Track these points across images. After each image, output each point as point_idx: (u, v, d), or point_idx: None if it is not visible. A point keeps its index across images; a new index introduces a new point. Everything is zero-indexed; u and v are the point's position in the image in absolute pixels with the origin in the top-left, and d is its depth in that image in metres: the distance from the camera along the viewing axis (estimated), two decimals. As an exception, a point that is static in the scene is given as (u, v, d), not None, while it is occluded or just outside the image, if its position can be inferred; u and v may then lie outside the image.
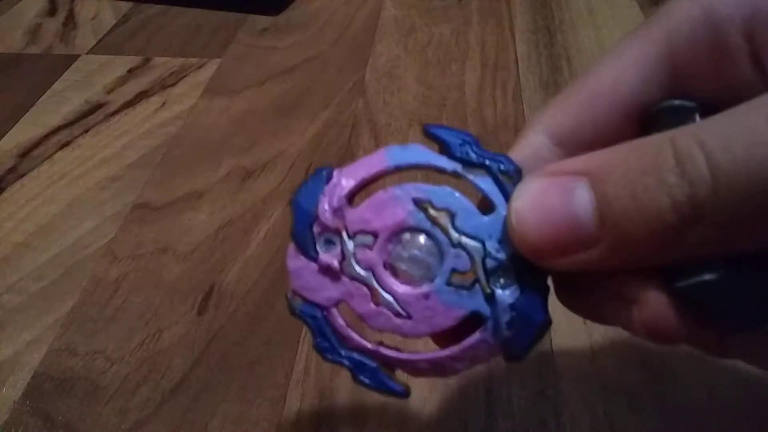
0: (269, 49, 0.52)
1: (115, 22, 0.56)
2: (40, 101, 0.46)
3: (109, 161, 0.41)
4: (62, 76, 0.49)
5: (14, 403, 0.27)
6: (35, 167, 0.40)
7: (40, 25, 0.57)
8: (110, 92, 0.47)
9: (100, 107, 0.45)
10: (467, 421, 0.26)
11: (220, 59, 0.50)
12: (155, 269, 0.33)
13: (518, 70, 0.47)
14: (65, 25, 0.56)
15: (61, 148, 0.42)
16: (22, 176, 0.40)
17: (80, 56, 0.51)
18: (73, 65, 0.50)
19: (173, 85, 0.47)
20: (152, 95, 0.46)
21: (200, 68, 0.49)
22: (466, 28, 0.53)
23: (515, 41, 0.51)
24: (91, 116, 0.45)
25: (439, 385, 0.27)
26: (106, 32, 0.55)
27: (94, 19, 0.57)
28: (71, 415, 0.27)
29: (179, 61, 0.50)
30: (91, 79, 0.49)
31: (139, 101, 0.46)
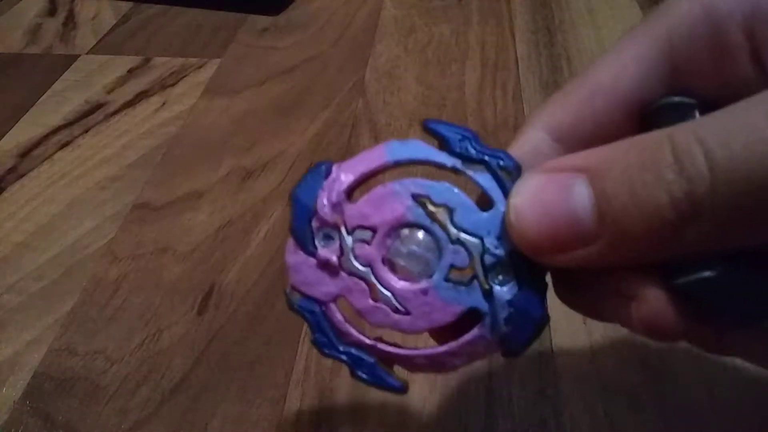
0: (269, 49, 0.52)
1: (115, 22, 0.56)
2: (40, 101, 0.46)
3: (109, 161, 0.41)
4: (62, 76, 0.49)
5: (14, 403, 0.27)
6: (35, 167, 0.40)
7: (40, 25, 0.57)
8: (110, 92, 0.47)
9: (100, 107, 0.45)
10: (467, 421, 0.26)
11: (220, 59, 0.50)
12: (155, 269, 0.33)
13: (518, 70, 0.47)
14: (65, 25, 0.56)
15: (61, 148, 0.42)
16: (22, 176, 0.40)
17: (80, 56, 0.51)
18: (73, 65, 0.50)
19: (173, 85, 0.47)
20: (152, 95, 0.46)
21: (200, 68, 0.49)
22: (466, 28, 0.53)
23: (515, 41, 0.51)
24: (91, 116, 0.45)
25: (439, 385, 0.27)
26: (106, 32, 0.55)
27: (94, 19, 0.57)
28: (71, 415, 0.27)
29: (179, 61, 0.50)
30: (91, 79, 0.49)
31: (139, 101, 0.46)
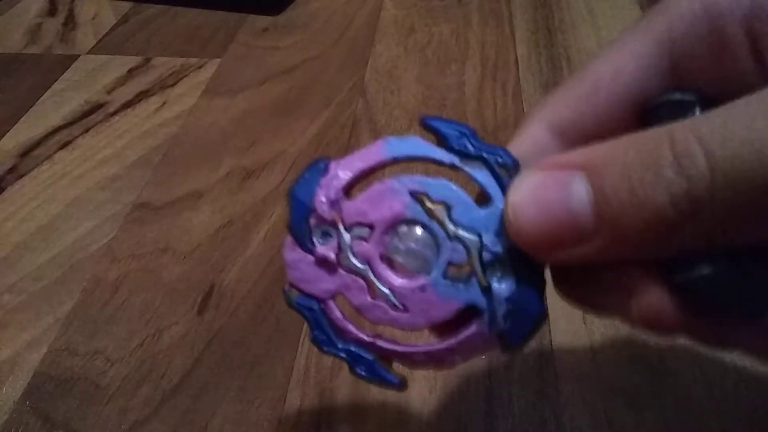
0: (269, 49, 0.52)
1: (115, 22, 0.56)
2: (40, 101, 0.46)
3: (109, 161, 0.41)
4: (62, 76, 0.49)
5: (14, 403, 0.27)
6: (35, 167, 0.40)
7: (40, 25, 0.57)
8: (110, 92, 0.47)
9: (100, 107, 0.45)
10: (467, 421, 0.26)
11: (220, 59, 0.50)
12: (155, 269, 0.33)
13: (518, 70, 0.47)
14: (65, 25, 0.56)
15: (61, 148, 0.42)
16: (22, 176, 0.40)
17: (80, 56, 0.51)
18: (73, 65, 0.50)
19: (173, 85, 0.47)
20: (152, 95, 0.46)
21: (200, 68, 0.49)
22: (466, 28, 0.53)
23: (515, 41, 0.51)
24: (91, 116, 0.45)
25: (439, 385, 0.27)
26: (106, 32, 0.55)
27: (94, 19, 0.57)
28: (71, 415, 0.27)
29: (179, 61, 0.50)
30: (91, 79, 0.49)
31: (139, 101, 0.46)
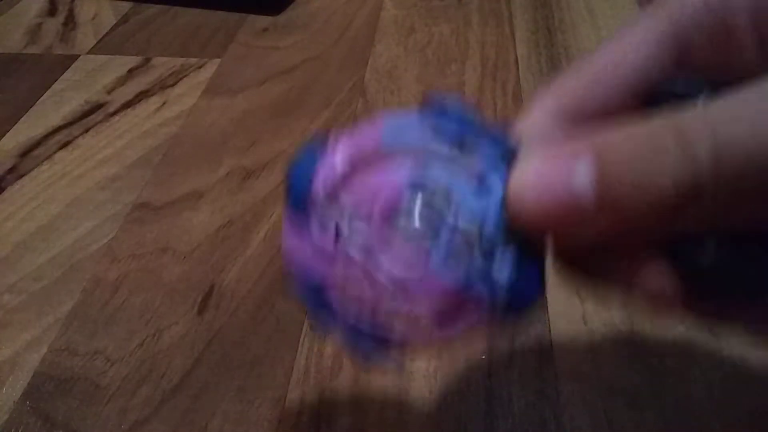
0: (269, 49, 0.52)
1: (115, 22, 0.56)
2: (40, 101, 0.46)
3: (109, 161, 0.41)
4: (62, 76, 0.49)
5: (14, 403, 0.27)
6: (35, 167, 0.40)
7: (40, 25, 0.57)
8: (110, 92, 0.47)
9: (100, 107, 0.45)
10: (467, 421, 0.26)
11: (220, 59, 0.50)
12: (155, 269, 0.33)
13: (518, 70, 0.47)
14: (65, 25, 0.56)
15: (61, 148, 0.42)
16: (22, 176, 0.40)
17: (80, 56, 0.51)
18: (73, 65, 0.50)
19: (173, 85, 0.47)
20: (152, 95, 0.46)
21: (200, 68, 0.49)
22: (466, 28, 0.53)
23: (515, 41, 0.51)
24: (91, 116, 0.45)
25: (439, 385, 0.27)
26: (106, 32, 0.55)
27: (94, 19, 0.57)
28: (71, 415, 0.27)
29: (179, 61, 0.50)
30: (91, 79, 0.49)
31: (139, 101, 0.46)
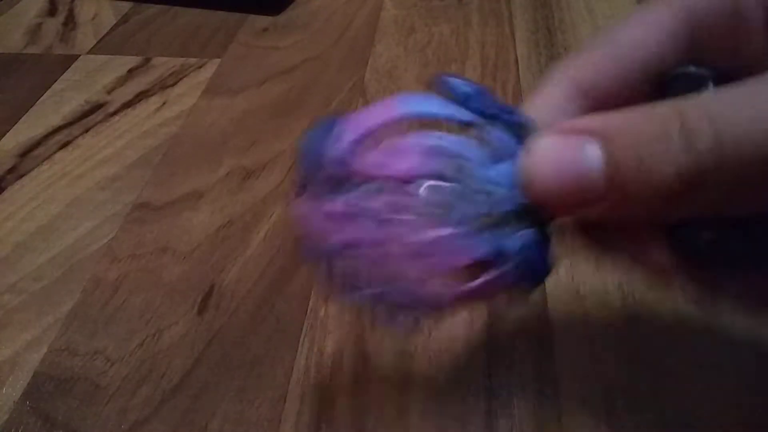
0: (269, 49, 0.52)
1: (115, 22, 0.56)
2: (40, 101, 0.46)
3: (109, 161, 0.41)
4: (62, 76, 0.49)
5: (14, 403, 0.27)
6: (35, 167, 0.40)
7: (40, 25, 0.57)
8: (110, 92, 0.47)
9: (100, 107, 0.46)
10: (467, 421, 0.26)
11: (220, 59, 0.50)
12: (155, 269, 0.33)
13: (518, 70, 0.47)
14: (65, 25, 0.56)
15: (61, 148, 0.42)
16: (22, 176, 0.40)
17: (80, 56, 0.51)
18: (73, 65, 0.50)
19: (173, 85, 0.47)
20: (152, 95, 0.46)
21: (200, 68, 0.49)
22: (466, 28, 0.53)
23: (515, 41, 0.51)
24: (91, 116, 0.45)
25: (439, 385, 0.27)
26: (106, 32, 0.55)
27: (94, 19, 0.57)
28: (71, 415, 0.27)
29: (179, 61, 0.50)
30: (91, 79, 0.49)
31: (139, 101, 0.46)
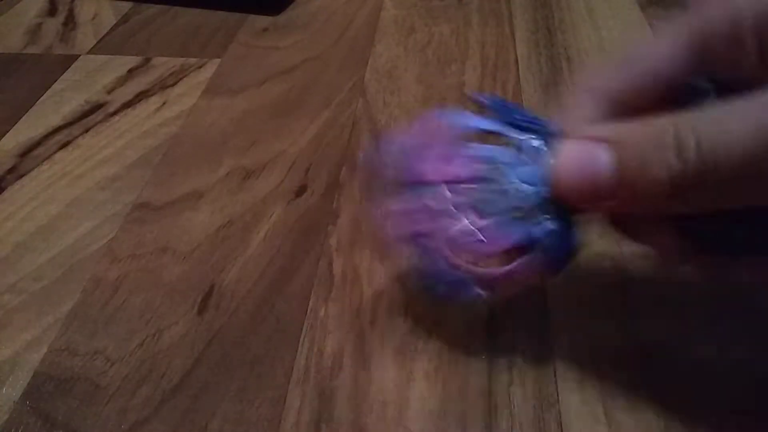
0: (269, 49, 0.52)
1: (115, 22, 0.56)
2: (40, 101, 0.46)
3: (109, 161, 0.41)
4: (62, 76, 0.49)
5: (14, 403, 0.27)
6: (35, 167, 0.40)
7: (40, 25, 0.57)
8: (110, 92, 0.47)
9: (100, 107, 0.46)
10: (467, 421, 0.26)
11: (220, 59, 0.50)
12: (155, 269, 0.33)
13: (518, 70, 0.47)
14: (65, 25, 0.56)
15: (61, 148, 0.42)
16: (22, 176, 0.40)
17: (80, 56, 0.51)
18: (73, 65, 0.50)
19: (173, 85, 0.47)
20: (152, 95, 0.46)
21: (200, 68, 0.49)
22: (466, 28, 0.53)
23: (515, 41, 0.51)
24: (91, 116, 0.45)
25: (439, 385, 0.27)
26: (106, 32, 0.55)
27: (94, 19, 0.57)
28: (71, 415, 0.27)
29: (179, 61, 0.50)
30: (91, 79, 0.49)
31: (139, 101, 0.46)
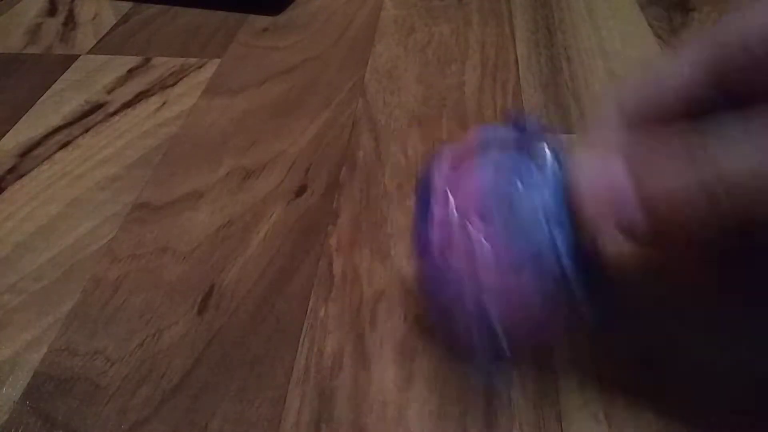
0: (269, 49, 0.52)
1: (115, 22, 0.56)
2: (40, 101, 0.46)
3: (109, 161, 0.41)
4: (62, 76, 0.49)
5: (14, 403, 0.27)
6: (35, 167, 0.40)
7: (40, 25, 0.57)
8: (110, 92, 0.47)
9: (100, 107, 0.46)
10: (467, 421, 0.26)
11: (220, 59, 0.50)
12: (155, 269, 0.33)
13: (518, 70, 0.47)
14: (65, 25, 0.56)
15: (61, 148, 0.42)
16: (22, 176, 0.40)
17: (80, 56, 0.51)
18: (73, 65, 0.50)
19: (173, 85, 0.47)
20: (152, 95, 0.46)
21: (200, 68, 0.49)
22: (466, 28, 0.53)
23: (515, 41, 0.51)
24: (91, 116, 0.45)
25: (439, 385, 0.27)
26: (106, 32, 0.55)
27: (94, 19, 0.57)
28: (71, 415, 0.27)
29: (179, 61, 0.50)
30: (91, 79, 0.49)
31: (139, 101, 0.46)
